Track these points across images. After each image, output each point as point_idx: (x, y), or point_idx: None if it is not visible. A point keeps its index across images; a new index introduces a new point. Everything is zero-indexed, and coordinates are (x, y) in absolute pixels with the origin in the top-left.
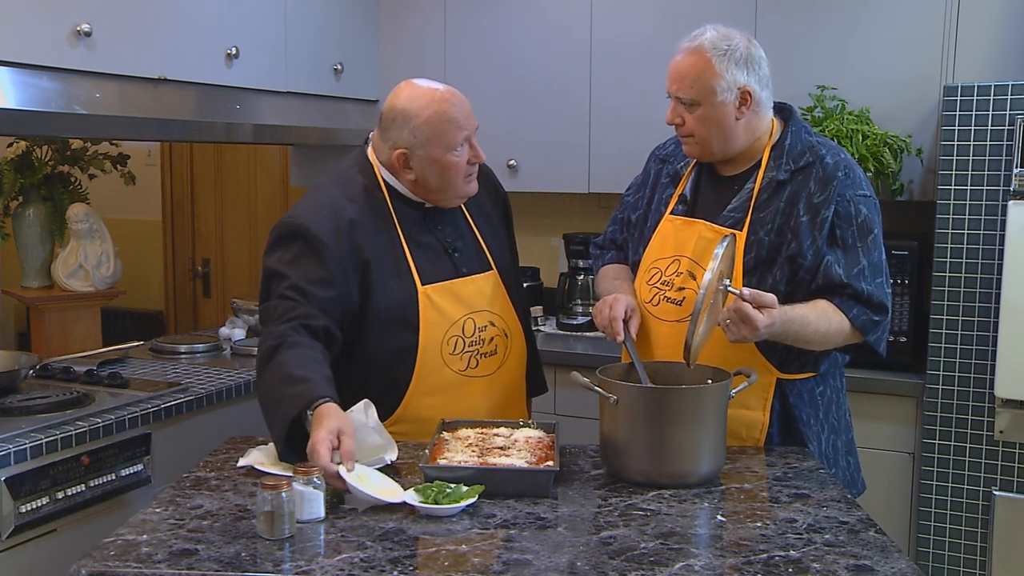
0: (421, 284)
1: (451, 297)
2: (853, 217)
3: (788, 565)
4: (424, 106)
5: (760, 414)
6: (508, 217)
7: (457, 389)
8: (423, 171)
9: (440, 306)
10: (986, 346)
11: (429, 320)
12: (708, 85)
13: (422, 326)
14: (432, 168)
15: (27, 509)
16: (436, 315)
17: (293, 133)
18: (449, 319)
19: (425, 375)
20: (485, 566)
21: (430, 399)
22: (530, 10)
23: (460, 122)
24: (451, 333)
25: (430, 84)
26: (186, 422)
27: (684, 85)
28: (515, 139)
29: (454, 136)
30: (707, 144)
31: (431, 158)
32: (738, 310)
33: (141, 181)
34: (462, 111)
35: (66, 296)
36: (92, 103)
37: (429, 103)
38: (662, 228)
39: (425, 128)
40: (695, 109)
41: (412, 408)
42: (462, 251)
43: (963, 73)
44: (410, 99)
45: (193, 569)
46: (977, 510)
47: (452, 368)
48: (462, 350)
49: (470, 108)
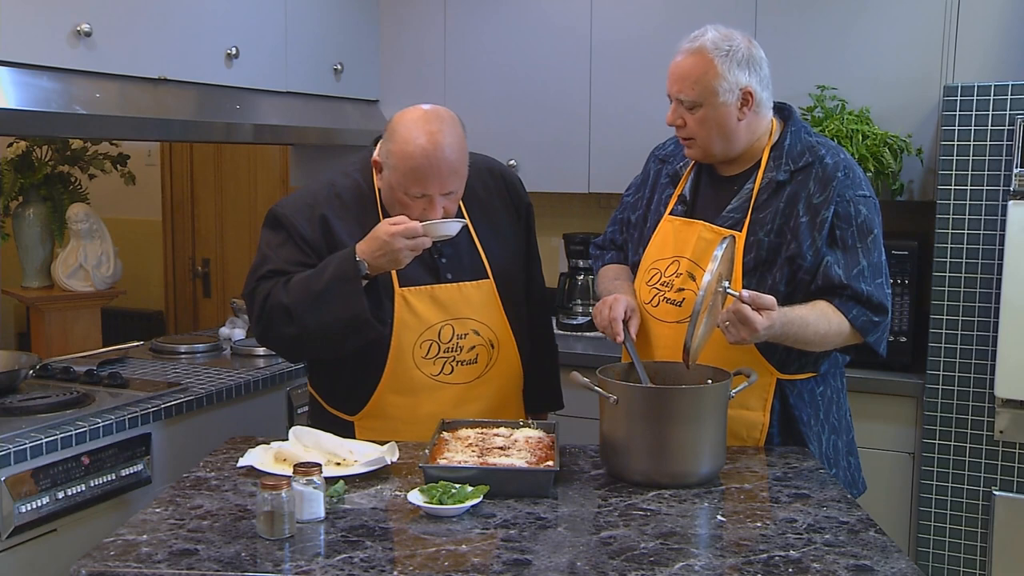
0: (399, 285)
1: (429, 301)
2: (853, 218)
3: (788, 565)
4: (407, 141)
5: (760, 415)
6: (530, 227)
7: (428, 392)
8: (384, 187)
9: (416, 309)
10: (986, 346)
11: (402, 321)
12: (710, 86)
13: (395, 326)
14: (387, 191)
15: (27, 509)
16: (410, 317)
17: (293, 133)
18: (424, 323)
19: (395, 374)
20: (485, 566)
21: (399, 398)
22: (530, 10)
23: (423, 180)
24: (425, 337)
25: (433, 128)
26: (186, 422)
27: (686, 86)
28: (515, 139)
29: (410, 186)
30: (708, 146)
31: (388, 183)
32: (737, 312)
33: (141, 181)
34: (433, 173)
35: (66, 296)
36: (92, 103)
37: (413, 144)
38: (662, 229)
39: (395, 158)
40: (697, 110)
41: (380, 405)
42: (451, 257)
43: (963, 73)
44: (406, 127)
45: (193, 569)
46: (977, 510)
47: (423, 371)
48: (436, 355)
49: (447, 174)
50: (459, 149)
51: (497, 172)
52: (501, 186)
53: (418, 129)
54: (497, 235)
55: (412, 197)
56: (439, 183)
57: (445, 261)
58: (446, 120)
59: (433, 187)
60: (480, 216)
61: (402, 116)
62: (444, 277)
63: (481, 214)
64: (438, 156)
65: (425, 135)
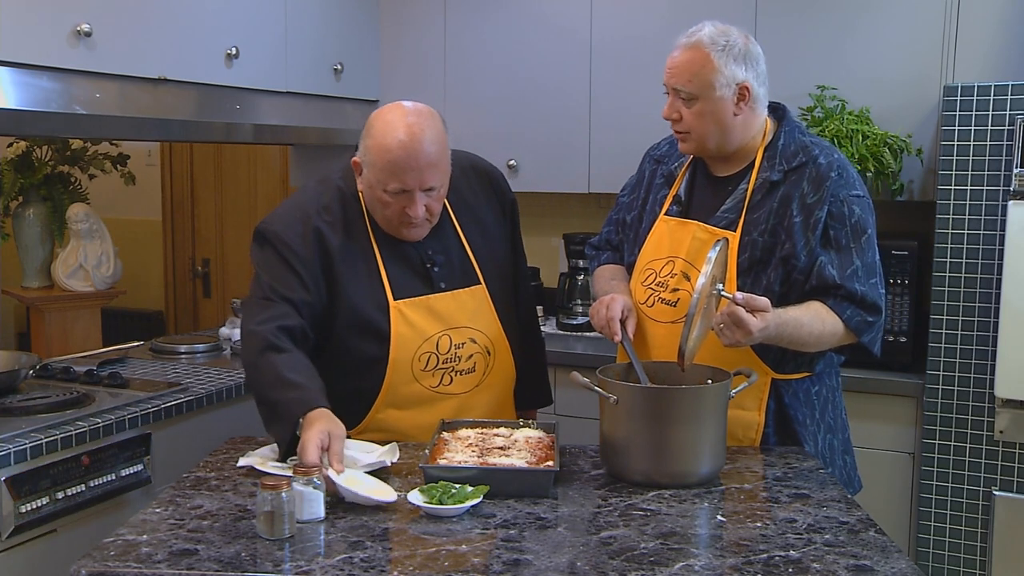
0: (393, 298)
1: (426, 312)
2: (847, 217)
3: (788, 565)
4: (384, 135)
5: (756, 415)
6: (515, 223)
7: (428, 405)
8: (364, 188)
9: (413, 321)
10: (986, 346)
11: (400, 334)
12: (707, 80)
13: (392, 340)
14: (367, 191)
15: (27, 509)
16: (408, 330)
17: (293, 133)
18: (422, 335)
19: (394, 388)
20: (485, 566)
21: (398, 412)
22: (530, 10)
23: (400, 174)
24: (424, 349)
25: (411, 122)
26: (186, 422)
27: (683, 79)
28: (515, 139)
29: (388, 180)
30: (703, 140)
31: (368, 181)
32: (731, 314)
33: (141, 181)
34: (411, 165)
35: (66, 296)
36: (92, 103)
37: (391, 136)
38: (657, 229)
39: (373, 154)
40: (693, 103)
41: (379, 419)
42: (443, 265)
43: (963, 73)
44: (384, 121)
45: (193, 569)
46: (977, 510)
47: (423, 384)
48: (435, 367)
49: (426, 167)
50: (438, 143)
51: (481, 169)
52: (486, 184)
53: (396, 122)
54: (486, 238)
55: (391, 194)
56: (418, 177)
57: (438, 270)
58: (425, 115)
59: (411, 181)
60: (469, 220)
61: (380, 112)
62: (438, 286)
63: (470, 218)
64: (416, 148)
65: (403, 127)
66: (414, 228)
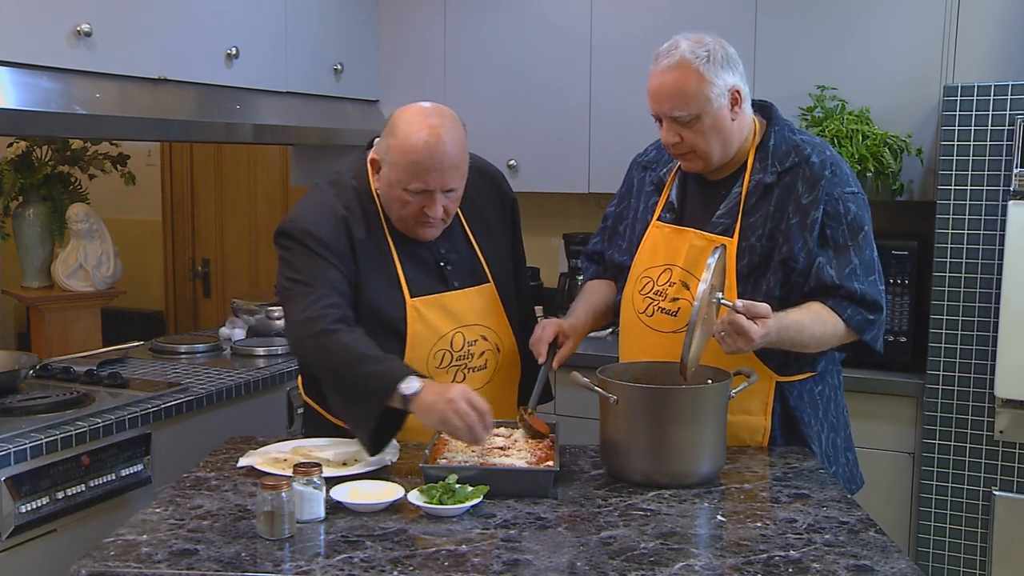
0: (410, 296)
1: (440, 310)
2: (842, 216)
3: (788, 565)
4: (408, 135)
5: (762, 419)
6: (516, 222)
7: None
8: (382, 186)
9: (428, 319)
10: (986, 346)
11: (416, 332)
12: (703, 95)
13: (409, 338)
14: (386, 189)
15: (27, 509)
16: (424, 328)
17: (293, 133)
18: (437, 332)
19: None
20: (485, 566)
21: None
22: (530, 10)
23: (423, 174)
24: (439, 347)
25: (434, 123)
26: (186, 422)
27: (678, 103)
28: (515, 139)
29: (410, 180)
30: (709, 155)
31: (388, 180)
32: (732, 323)
33: (141, 181)
34: (434, 166)
35: (66, 296)
36: (92, 103)
37: (415, 137)
38: (651, 235)
39: (395, 153)
40: (695, 123)
41: None
42: (455, 264)
43: (963, 73)
44: (407, 121)
45: (193, 569)
46: (977, 510)
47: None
48: (449, 364)
49: (448, 169)
50: (460, 146)
51: (484, 170)
52: (489, 184)
53: (420, 123)
54: (492, 237)
55: (412, 193)
56: (440, 177)
57: (451, 268)
58: (447, 116)
59: (433, 181)
60: (476, 220)
61: (403, 112)
62: (452, 284)
63: (477, 217)
64: (440, 150)
65: (427, 128)
66: (430, 228)
